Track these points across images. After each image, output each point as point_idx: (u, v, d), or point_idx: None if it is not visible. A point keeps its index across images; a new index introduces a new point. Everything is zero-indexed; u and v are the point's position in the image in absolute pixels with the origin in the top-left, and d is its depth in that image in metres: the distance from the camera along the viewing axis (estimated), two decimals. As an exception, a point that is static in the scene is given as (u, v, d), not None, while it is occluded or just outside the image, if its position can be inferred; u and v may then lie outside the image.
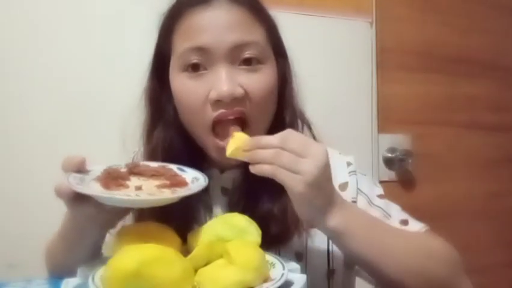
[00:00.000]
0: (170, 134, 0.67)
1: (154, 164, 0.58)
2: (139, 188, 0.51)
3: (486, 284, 1.46)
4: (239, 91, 0.59)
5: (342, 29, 1.31)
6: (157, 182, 0.53)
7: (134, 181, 0.53)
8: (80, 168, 0.52)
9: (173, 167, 0.57)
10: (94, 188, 0.50)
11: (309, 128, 0.75)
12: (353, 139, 1.29)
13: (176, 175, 0.55)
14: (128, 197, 0.48)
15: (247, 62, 0.61)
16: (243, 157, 0.54)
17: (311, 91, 0.72)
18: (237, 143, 0.54)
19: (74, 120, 1.04)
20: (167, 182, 0.53)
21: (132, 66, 0.74)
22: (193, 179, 0.55)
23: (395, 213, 0.69)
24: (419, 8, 1.42)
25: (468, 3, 1.47)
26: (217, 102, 0.59)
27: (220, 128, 0.61)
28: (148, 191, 0.51)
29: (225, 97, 0.58)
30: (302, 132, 0.74)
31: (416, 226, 0.68)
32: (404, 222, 0.68)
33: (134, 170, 0.55)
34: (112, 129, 0.73)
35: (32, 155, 1.00)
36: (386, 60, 1.36)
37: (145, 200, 0.50)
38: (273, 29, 0.68)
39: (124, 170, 0.55)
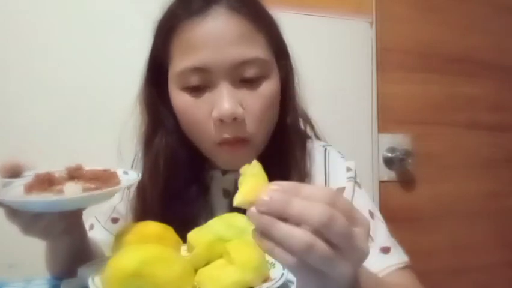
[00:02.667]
0: (172, 141, 0.67)
1: (99, 168, 0.54)
2: (60, 191, 0.47)
3: (486, 283, 1.47)
4: (239, 111, 0.59)
5: (342, 29, 1.31)
6: (87, 186, 0.49)
7: (68, 186, 0.49)
8: (13, 173, 0.50)
9: (120, 170, 0.54)
10: (14, 193, 0.47)
11: (312, 128, 0.75)
12: (353, 139, 1.29)
13: (112, 178, 0.51)
14: (21, 199, 0.45)
15: (249, 78, 0.60)
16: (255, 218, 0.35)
17: (311, 91, 0.73)
18: (250, 187, 0.36)
19: (73, 121, 1.04)
20: (95, 186, 0.49)
21: (131, 69, 0.73)
22: (127, 181, 0.52)
23: (380, 238, 0.66)
24: (419, 8, 1.41)
25: (468, 3, 1.47)
26: (220, 121, 0.59)
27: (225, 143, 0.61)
28: (69, 195, 0.47)
29: (227, 117, 0.58)
30: (305, 130, 0.74)
31: (396, 258, 0.64)
32: (386, 250, 0.64)
33: (74, 174, 0.52)
34: (111, 130, 0.73)
35: (31, 155, 1.00)
36: (386, 60, 1.36)
37: (44, 201, 0.46)
38: (274, 33, 0.66)
39: (62, 174, 0.52)
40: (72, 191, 0.48)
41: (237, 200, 0.36)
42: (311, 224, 0.33)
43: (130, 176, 0.54)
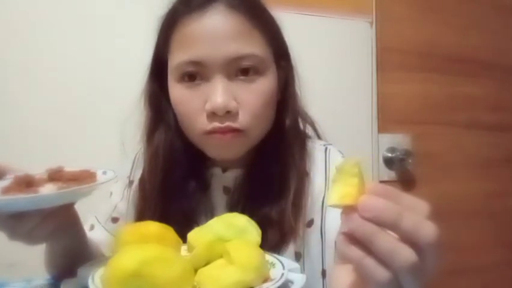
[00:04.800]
0: (171, 136, 0.67)
1: (79, 169, 0.54)
2: (35, 192, 0.47)
3: (486, 283, 1.47)
4: (233, 105, 0.59)
5: (342, 29, 1.31)
6: (63, 186, 0.49)
7: (47, 187, 0.49)
8: None
9: (99, 171, 0.54)
10: None
11: (314, 128, 0.75)
12: (353, 139, 1.29)
13: (89, 178, 0.52)
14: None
15: (244, 72, 0.60)
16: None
17: (311, 91, 0.73)
18: (348, 189, 0.34)
19: (73, 121, 1.04)
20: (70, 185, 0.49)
21: (132, 66, 0.74)
22: (103, 179, 0.52)
23: None
24: (419, 8, 1.42)
25: (468, 3, 1.47)
26: (212, 114, 0.60)
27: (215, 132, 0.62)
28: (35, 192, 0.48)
29: (219, 110, 0.58)
30: (305, 130, 0.74)
31: None
32: None
33: (54, 176, 0.52)
34: (112, 129, 0.73)
35: (31, 156, 1.00)
36: (386, 60, 1.36)
37: (17, 198, 0.45)
38: (274, 33, 0.66)
39: (43, 176, 0.52)
40: (46, 191, 0.48)
41: (332, 201, 0.34)
42: (420, 243, 0.32)
43: (108, 175, 0.54)
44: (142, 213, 0.68)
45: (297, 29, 0.68)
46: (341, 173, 0.35)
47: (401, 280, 0.33)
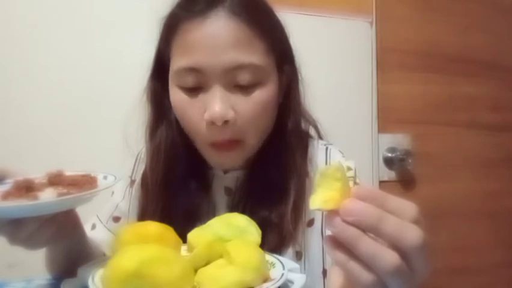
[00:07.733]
0: (173, 133, 0.68)
1: (79, 173, 0.53)
2: (35, 197, 0.47)
3: (486, 284, 1.47)
4: (231, 114, 0.59)
5: (342, 29, 1.31)
6: (62, 192, 0.48)
7: (47, 192, 0.49)
8: None
9: (100, 175, 0.54)
10: None
11: (316, 128, 0.76)
12: (353, 139, 1.29)
13: (89, 183, 0.51)
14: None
15: (243, 82, 0.60)
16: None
17: (311, 91, 0.73)
18: (332, 193, 0.34)
19: (74, 121, 1.04)
20: (70, 191, 0.49)
21: (133, 66, 0.74)
22: (104, 185, 0.52)
23: None
24: (419, 8, 1.42)
25: (468, 2, 1.47)
26: (211, 123, 0.60)
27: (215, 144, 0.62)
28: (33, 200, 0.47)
29: (217, 119, 0.58)
30: (308, 131, 0.74)
31: None
32: None
33: (54, 180, 0.51)
34: (113, 130, 0.73)
35: (32, 157, 1.00)
36: (386, 60, 1.36)
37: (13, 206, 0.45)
38: (277, 39, 0.66)
39: (42, 180, 0.51)
40: (46, 197, 0.47)
41: (315, 205, 0.34)
42: (403, 246, 0.32)
43: (109, 180, 0.53)
44: (145, 210, 0.68)
45: (297, 28, 0.68)
46: (324, 177, 0.35)
47: (387, 283, 0.33)
